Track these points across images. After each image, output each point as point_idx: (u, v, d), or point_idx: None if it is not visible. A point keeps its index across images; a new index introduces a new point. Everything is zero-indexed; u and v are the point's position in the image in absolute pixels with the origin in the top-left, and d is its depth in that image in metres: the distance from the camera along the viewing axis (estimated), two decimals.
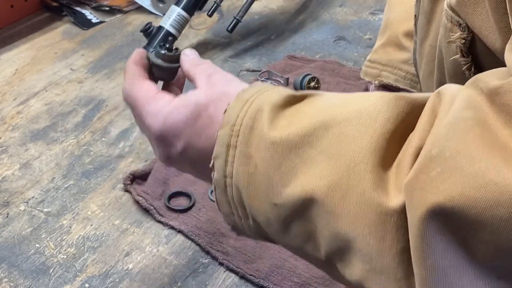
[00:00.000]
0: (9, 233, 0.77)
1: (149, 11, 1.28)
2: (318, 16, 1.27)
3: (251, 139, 0.49)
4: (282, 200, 0.48)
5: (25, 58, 1.14)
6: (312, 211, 0.46)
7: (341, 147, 0.45)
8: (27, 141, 0.93)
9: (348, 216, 0.44)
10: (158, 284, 0.71)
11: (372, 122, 0.45)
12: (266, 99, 0.50)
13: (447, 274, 0.40)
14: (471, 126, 0.39)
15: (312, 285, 0.71)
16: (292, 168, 0.47)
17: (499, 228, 0.37)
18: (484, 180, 0.37)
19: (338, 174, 0.45)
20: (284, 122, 0.49)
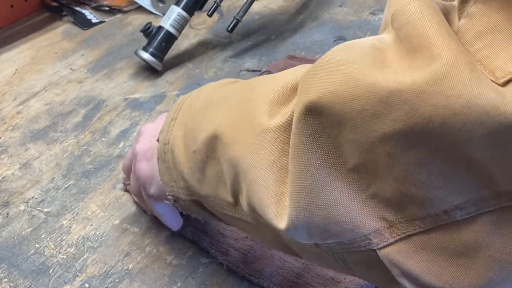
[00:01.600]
0: (9, 233, 0.77)
1: (149, 11, 1.28)
2: (318, 16, 1.27)
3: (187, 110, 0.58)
4: (197, 145, 0.54)
5: (25, 58, 1.14)
6: (218, 148, 0.52)
7: (247, 96, 0.52)
8: (27, 141, 0.93)
9: (237, 142, 0.50)
10: (158, 284, 0.71)
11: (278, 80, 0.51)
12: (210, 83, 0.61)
13: (318, 172, 0.43)
14: (365, 46, 0.43)
15: (312, 285, 0.71)
16: (207, 119, 0.54)
17: (355, 122, 0.40)
18: (348, 78, 0.40)
19: (238, 113, 0.51)
20: (213, 91, 0.59)
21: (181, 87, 1.06)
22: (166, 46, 1.09)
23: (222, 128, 0.52)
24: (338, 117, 0.40)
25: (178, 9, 1.09)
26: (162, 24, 1.09)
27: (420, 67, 0.37)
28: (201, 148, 0.54)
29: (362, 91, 0.39)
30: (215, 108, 0.55)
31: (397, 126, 0.38)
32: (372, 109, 0.39)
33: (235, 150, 0.50)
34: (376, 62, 0.40)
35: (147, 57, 1.07)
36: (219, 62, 1.13)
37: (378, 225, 0.43)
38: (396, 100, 0.37)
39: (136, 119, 0.98)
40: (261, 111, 0.49)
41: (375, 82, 0.39)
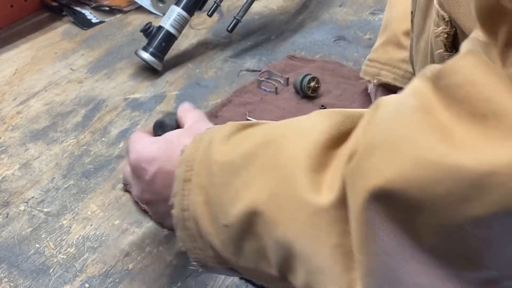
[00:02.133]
0: (9, 233, 0.77)
1: (149, 11, 1.28)
2: (318, 16, 1.27)
3: (203, 170, 0.52)
4: (231, 220, 0.49)
5: (25, 58, 1.14)
6: (257, 225, 0.47)
7: (278, 160, 0.47)
8: (27, 141, 0.93)
9: (285, 222, 0.45)
10: (158, 284, 0.71)
11: (307, 134, 0.46)
12: (216, 132, 0.53)
13: (392, 259, 0.40)
14: (413, 112, 0.39)
15: None
16: (237, 188, 0.49)
17: (438, 206, 0.37)
18: (420, 160, 0.37)
19: (275, 184, 0.46)
20: (229, 148, 0.51)
21: (181, 87, 1.06)
22: (166, 46, 1.09)
23: (260, 203, 0.47)
24: (412, 201, 0.37)
25: (178, 9, 1.09)
26: (162, 24, 1.09)
27: (504, 140, 0.34)
28: (235, 223, 0.49)
29: (444, 174, 0.36)
30: (240, 173, 0.49)
31: (491, 209, 0.35)
32: (459, 193, 0.35)
33: (285, 231, 0.46)
34: (438, 133, 0.37)
35: (147, 57, 1.07)
36: (219, 62, 1.13)
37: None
38: (488, 183, 0.34)
39: (136, 119, 0.98)
40: (302, 184, 0.45)
41: (458, 164, 0.35)
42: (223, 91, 1.04)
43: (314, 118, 0.48)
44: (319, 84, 1.01)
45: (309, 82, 0.99)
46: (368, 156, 0.40)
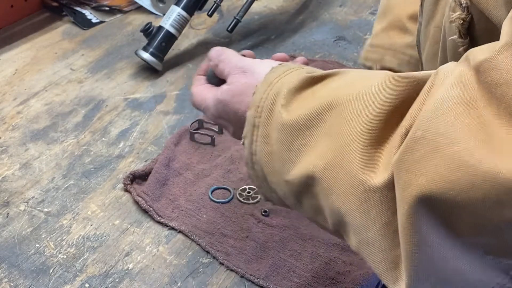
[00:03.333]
0: (9, 233, 0.77)
1: (149, 11, 1.28)
2: (318, 16, 1.27)
3: (270, 121, 0.54)
4: (291, 177, 0.52)
5: (25, 58, 1.14)
6: (315, 188, 0.50)
7: (339, 128, 0.49)
8: (27, 141, 0.93)
9: (339, 194, 0.48)
10: (158, 284, 0.71)
11: (369, 103, 0.47)
12: (285, 83, 0.55)
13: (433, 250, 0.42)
14: (455, 105, 0.40)
15: (312, 285, 0.71)
16: (299, 149, 0.51)
17: (476, 209, 0.38)
18: (459, 163, 0.38)
19: (333, 154, 0.48)
20: (296, 105, 0.53)
21: (181, 87, 1.06)
22: (166, 46, 1.09)
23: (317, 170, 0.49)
24: (452, 202, 0.39)
25: (178, 9, 1.09)
26: (162, 24, 1.09)
27: None
28: (295, 182, 0.52)
29: (481, 179, 0.37)
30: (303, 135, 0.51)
31: None
32: (496, 198, 0.37)
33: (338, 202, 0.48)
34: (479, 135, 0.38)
35: (147, 57, 1.07)
36: None
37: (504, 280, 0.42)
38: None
39: (136, 119, 0.98)
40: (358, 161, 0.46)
41: (495, 171, 0.37)
42: None
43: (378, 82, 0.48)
44: None
45: None
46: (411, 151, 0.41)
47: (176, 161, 0.87)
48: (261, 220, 0.78)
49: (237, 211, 0.80)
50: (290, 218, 0.79)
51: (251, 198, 0.82)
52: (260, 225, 0.78)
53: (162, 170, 0.84)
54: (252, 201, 0.81)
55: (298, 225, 0.78)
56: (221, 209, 0.80)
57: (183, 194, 0.82)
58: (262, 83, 0.56)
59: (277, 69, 0.57)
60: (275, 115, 0.54)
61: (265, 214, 0.79)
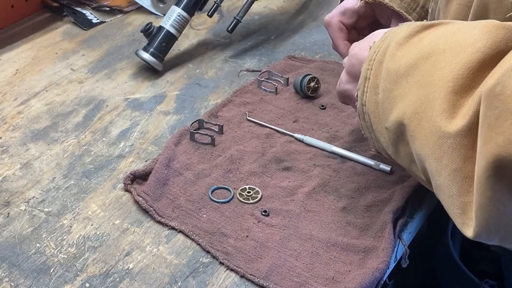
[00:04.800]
0: (9, 233, 0.78)
1: (149, 12, 1.28)
2: (318, 16, 1.27)
3: (379, 72, 0.58)
4: (389, 124, 0.55)
5: (26, 58, 1.14)
6: (405, 134, 0.53)
7: (430, 76, 0.50)
8: (28, 141, 0.93)
9: (420, 139, 0.50)
10: (159, 283, 0.71)
11: (461, 52, 0.48)
12: (396, 34, 0.58)
13: (505, 207, 0.43)
14: None
15: (312, 285, 0.71)
16: (395, 96, 0.54)
17: None
18: None
19: (421, 101, 0.50)
20: (401, 53, 0.55)
21: (181, 87, 1.06)
22: (166, 46, 1.09)
23: (406, 116, 0.52)
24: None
25: (178, 9, 1.09)
26: (163, 24, 1.09)
27: None
28: (391, 128, 0.55)
29: None
30: (400, 83, 0.54)
31: None
32: None
33: (420, 147, 0.51)
34: None
35: (147, 57, 1.07)
36: (219, 62, 1.13)
37: None
38: None
39: (136, 119, 0.98)
40: (439, 107, 0.48)
41: None
42: (223, 91, 1.05)
43: (478, 32, 0.48)
44: (319, 84, 1.01)
45: (309, 82, 0.99)
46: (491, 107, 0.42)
47: (176, 161, 0.87)
48: (261, 220, 0.79)
49: (237, 211, 0.80)
50: (290, 218, 0.79)
51: (251, 198, 0.82)
52: (260, 225, 0.78)
53: (163, 170, 0.84)
54: (252, 201, 0.81)
55: (298, 225, 0.78)
56: (221, 209, 0.80)
57: (183, 194, 0.82)
58: (378, 40, 0.60)
59: (395, 28, 0.60)
60: (384, 65, 0.57)
61: (265, 214, 0.79)
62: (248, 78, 1.07)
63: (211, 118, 0.96)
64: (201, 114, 0.98)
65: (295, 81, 1.01)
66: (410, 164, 0.56)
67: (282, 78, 1.04)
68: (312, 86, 1.00)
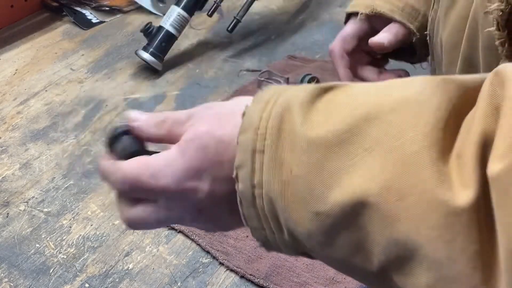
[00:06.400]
0: (9, 233, 0.77)
1: (149, 11, 1.28)
2: (318, 16, 1.27)
3: (282, 142, 0.44)
4: (327, 207, 0.42)
5: (25, 58, 1.14)
6: (364, 218, 0.41)
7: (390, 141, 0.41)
8: (27, 141, 0.93)
9: (409, 220, 0.40)
10: (158, 284, 0.71)
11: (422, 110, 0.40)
12: (291, 97, 0.45)
13: None
14: None
15: (312, 285, 0.71)
16: (335, 170, 0.42)
17: None
18: None
19: (391, 172, 0.40)
20: (319, 118, 0.43)
21: (181, 87, 1.06)
22: (166, 46, 1.09)
23: (371, 194, 0.40)
24: None
25: (178, 9, 1.09)
26: (162, 24, 1.09)
27: None
28: (333, 212, 0.42)
29: None
30: (339, 155, 0.42)
31: None
32: None
33: (408, 231, 0.40)
34: None
35: (147, 57, 1.07)
36: (219, 62, 1.13)
37: None
38: None
39: None
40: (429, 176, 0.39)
41: None
42: (223, 91, 1.04)
43: (422, 87, 0.41)
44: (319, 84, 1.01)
45: (309, 82, 0.99)
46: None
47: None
48: None
49: None
50: None
51: None
52: None
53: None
54: None
55: None
56: None
57: None
58: (253, 103, 0.45)
59: (268, 90, 0.46)
60: (289, 134, 0.44)
61: None
62: (248, 78, 1.07)
63: None
64: None
65: (295, 81, 1.01)
66: (352, 254, 0.43)
67: (282, 78, 1.04)
68: None
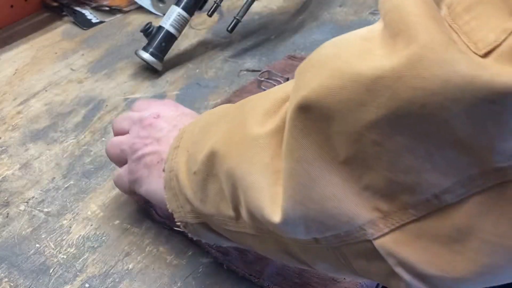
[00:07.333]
0: (9, 233, 0.77)
1: (149, 11, 1.28)
2: (318, 16, 1.27)
3: (190, 138, 0.59)
4: (197, 165, 0.55)
5: (25, 58, 1.14)
6: (215, 164, 0.53)
7: (240, 112, 0.54)
8: (27, 141, 0.93)
9: (232, 153, 0.51)
10: (158, 284, 0.71)
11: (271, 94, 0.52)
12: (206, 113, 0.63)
13: (312, 167, 0.43)
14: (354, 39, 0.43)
15: (312, 285, 0.71)
16: (205, 140, 0.55)
17: (343, 113, 0.40)
18: (335, 71, 0.41)
19: (232, 127, 0.53)
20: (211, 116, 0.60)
21: (181, 87, 1.06)
22: (166, 46, 1.09)
23: (217, 144, 0.53)
24: (326, 110, 0.41)
25: (178, 9, 1.09)
26: (162, 24, 1.09)
27: (399, 51, 0.38)
28: (201, 168, 0.55)
29: (348, 81, 0.39)
30: (212, 129, 0.56)
31: (381, 112, 0.38)
32: (357, 98, 0.39)
33: (230, 161, 0.51)
34: (362, 52, 0.41)
35: (147, 57, 1.07)
36: (219, 62, 1.13)
37: (372, 216, 0.43)
38: (379, 86, 0.38)
39: None
40: (252, 122, 0.51)
41: (359, 71, 0.39)
42: (223, 91, 1.04)
43: (281, 85, 0.54)
44: None
45: None
46: (303, 73, 0.44)
47: None
48: None
49: None
50: None
51: None
52: None
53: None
54: None
55: None
56: None
57: None
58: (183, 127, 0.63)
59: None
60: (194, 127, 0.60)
61: None
62: (248, 78, 1.07)
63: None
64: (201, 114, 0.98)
65: None
66: (219, 204, 0.55)
67: (282, 78, 1.04)
68: None
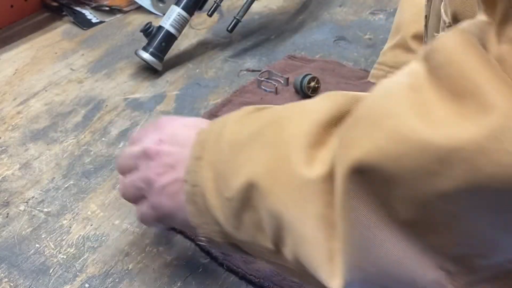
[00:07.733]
0: (9, 233, 0.77)
1: (149, 11, 1.28)
2: (318, 16, 1.27)
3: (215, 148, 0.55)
4: (232, 193, 0.52)
5: (25, 58, 1.14)
6: (254, 197, 0.50)
7: (279, 137, 0.49)
8: (27, 141, 0.93)
9: (277, 192, 0.48)
10: (158, 284, 0.71)
11: (309, 115, 0.48)
12: (230, 115, 0.57)
13: (369, 230, 0.41)
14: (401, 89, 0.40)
15: None
16: (239, 163, 0.52)
17: (409, 180, 0.38)
18: (395, 133, 0.38)
19: (273, 158, 0.49)
20: (241, 126, 0.54)
21: (181, 87, 1.06)
22: (166, 46, 1.09)
23: (257, 176, 0.49)
24: (387, 174, 0.38)
25: (178, 9, 1.09)
26: (162, 24, 1.09)
27: (474, 118, 0.35)
28: (236, 195, 0.51)
29: (414, 148, 0.37)
30: (245, 150, 0.52)
31: (456, 184, 0.36)
32: (427, 167, 0.36)
33: (276, 202, 0.48)
34: (419, 110, 0.38)
35: (147, 57, 1.07)
36: (219, 62, 1.13)
37: (438, 275, 0.41)
38: (454, 158, 0.35)
39: (136, 119, 0.98)
40: (297, 158, 0.47)
41: (427, 140, 0.36)
42: (223, 91, 1.04)
43: (319, 100, 0.50)
44: (319, 84, 1.01)
45: (309, 82, 0.99)
46: (353, 128, 0.42)
47: None
48: None
49: None
50: None
51: None
52: None
53: None
54: None
55: None
56: None
57: None
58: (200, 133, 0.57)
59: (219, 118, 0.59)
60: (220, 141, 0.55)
61: None
62: (248, 78, 1.07)
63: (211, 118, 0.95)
64: (201, 114, 0.98)
65: (295, 81, 1.01)
66: (255, 233, 0.52)
67: (282, 78, 1.04)
68: (312, 86, 1.00)
